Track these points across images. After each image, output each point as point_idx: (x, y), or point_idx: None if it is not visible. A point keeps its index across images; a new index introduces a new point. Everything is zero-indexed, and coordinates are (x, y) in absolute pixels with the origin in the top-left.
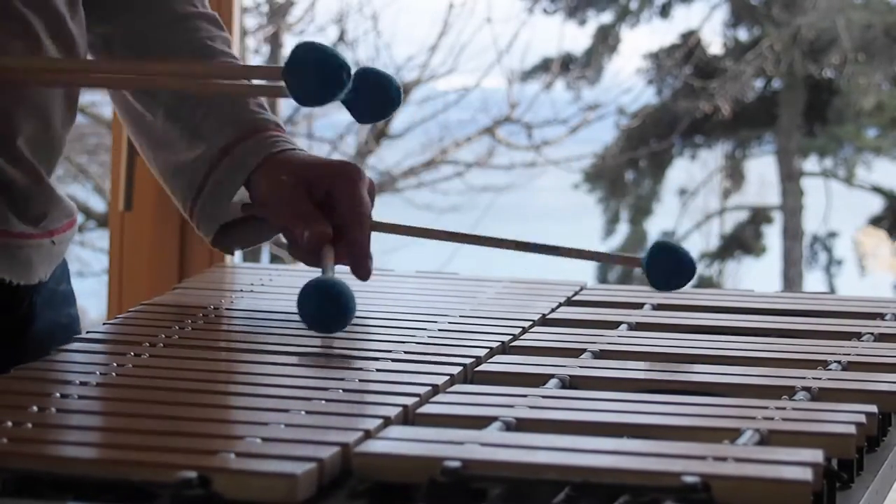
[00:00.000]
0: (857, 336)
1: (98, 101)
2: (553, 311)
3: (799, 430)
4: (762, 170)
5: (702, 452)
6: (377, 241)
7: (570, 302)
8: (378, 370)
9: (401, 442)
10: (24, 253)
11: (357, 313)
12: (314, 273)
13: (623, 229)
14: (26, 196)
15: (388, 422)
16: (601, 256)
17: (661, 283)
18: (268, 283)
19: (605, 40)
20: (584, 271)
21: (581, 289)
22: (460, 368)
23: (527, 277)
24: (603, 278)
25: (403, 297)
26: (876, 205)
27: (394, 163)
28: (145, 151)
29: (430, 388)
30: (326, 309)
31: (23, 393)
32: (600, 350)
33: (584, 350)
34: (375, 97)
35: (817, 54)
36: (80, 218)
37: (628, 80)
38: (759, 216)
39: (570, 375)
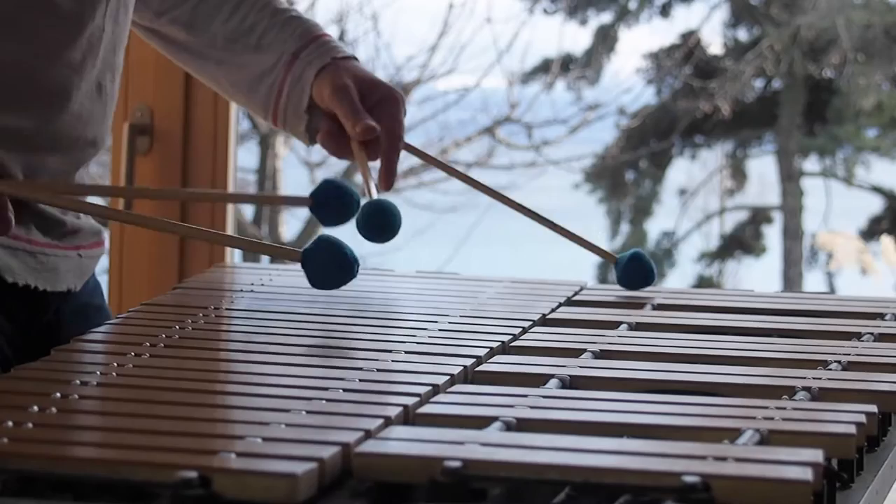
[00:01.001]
0: (857, 336)
1: None
2: (553, 311)
3: (799, 429)
4: (762, 170)
5: (702, 452)
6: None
7: (570, 302)
8: (378, 370)
9: (401, 442)
10: (51, 261)
11: (357, 313)
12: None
13: (624, 229)
14: (51, 219)
15: (388, 422)
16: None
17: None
18: (268, 283)
19: (605, 40)
20: (585, 271)
21: (581, 289)
22: (460, 368)
23: (527, 277)
24: (603, 278)
25: (403, 297)
26: (876, 205)
27: None
28: (216, 79)
29: (430, 387)
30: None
31: (23, 393)
32: (600, 350)
33: (585, 350)
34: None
35: (817, 54)
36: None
37: (628, 80)
38: (759, 216)
39: (570, 375)
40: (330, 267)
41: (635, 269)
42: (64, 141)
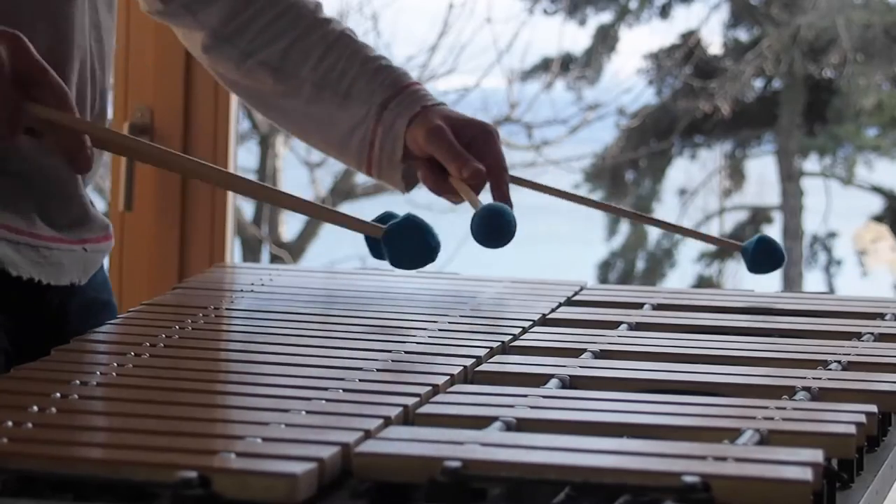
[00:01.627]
0: (857, 336)
1: None
2: (553, 311)
3: (799, 429)
4: (762, 170)
5: (702, 452)
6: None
7: (570, 302)
8: (378, 370)
9: (401, 442)
10: (55, 255)
11: (357, 313)
12: (315, 273)
13: (624, 229)
14: (62, 204)
15: (388, 422)
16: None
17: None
18: (268, 283)
19: (605, 40)
20: (585, 271)
21: (581, 289)
22: (460, 368)
23: (527, 277)
24: (603, 278)
25: (403, 297)
26: (876, 205)
27: None
28: (306, 136)
29: (430, 388)
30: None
31: (23, 393)
32: (600, 350)
33: (584, 350)
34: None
35: (817, 54)
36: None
37: (628, 80)
38: (759, 216)
39: (570, 375)
40: (412, 249)
41: (764, 254)
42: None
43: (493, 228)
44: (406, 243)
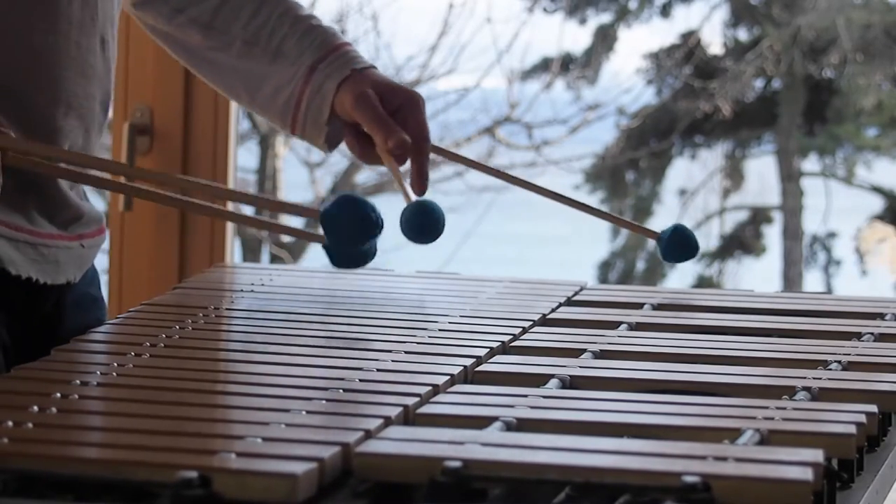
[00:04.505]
0: (857, 336)
1: None
2: (553, 311)
3: (799, 429)
4: (762, 170)
5: (702, 452)
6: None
7: (570, 302)
8: (378, 370)
9: (401, 442)
10: (53, 253)
11: (357, 313)
12: (315, 273)
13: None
14: (58, 201)
15: (388, 422)
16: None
17: (671, 256)
18: (268, 283)
19: (605, 40)
20: (585, 271)
21: (581, 289)
22: (460, 368)
23: (527, 277)
24: (603, 278)
25: (403, 297)
26: (876, 204)
27: None
28: (233, 89)
29: (430, 388)
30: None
31: (23, 393)
32: (600, 350)
33: (585, 350)
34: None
35: (817, 54)
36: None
37: (628, 80)
38: (759, 216)
39: (570, 375)
40: (352, 226)
41: (679, 242)
42: (74, 99)
43: (422, 226)
44: (345, 220)
